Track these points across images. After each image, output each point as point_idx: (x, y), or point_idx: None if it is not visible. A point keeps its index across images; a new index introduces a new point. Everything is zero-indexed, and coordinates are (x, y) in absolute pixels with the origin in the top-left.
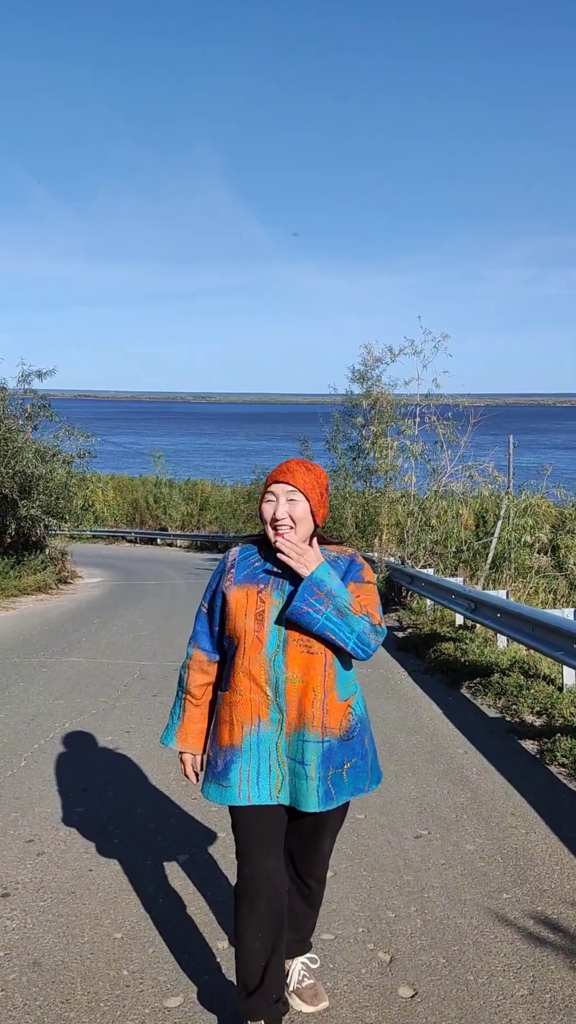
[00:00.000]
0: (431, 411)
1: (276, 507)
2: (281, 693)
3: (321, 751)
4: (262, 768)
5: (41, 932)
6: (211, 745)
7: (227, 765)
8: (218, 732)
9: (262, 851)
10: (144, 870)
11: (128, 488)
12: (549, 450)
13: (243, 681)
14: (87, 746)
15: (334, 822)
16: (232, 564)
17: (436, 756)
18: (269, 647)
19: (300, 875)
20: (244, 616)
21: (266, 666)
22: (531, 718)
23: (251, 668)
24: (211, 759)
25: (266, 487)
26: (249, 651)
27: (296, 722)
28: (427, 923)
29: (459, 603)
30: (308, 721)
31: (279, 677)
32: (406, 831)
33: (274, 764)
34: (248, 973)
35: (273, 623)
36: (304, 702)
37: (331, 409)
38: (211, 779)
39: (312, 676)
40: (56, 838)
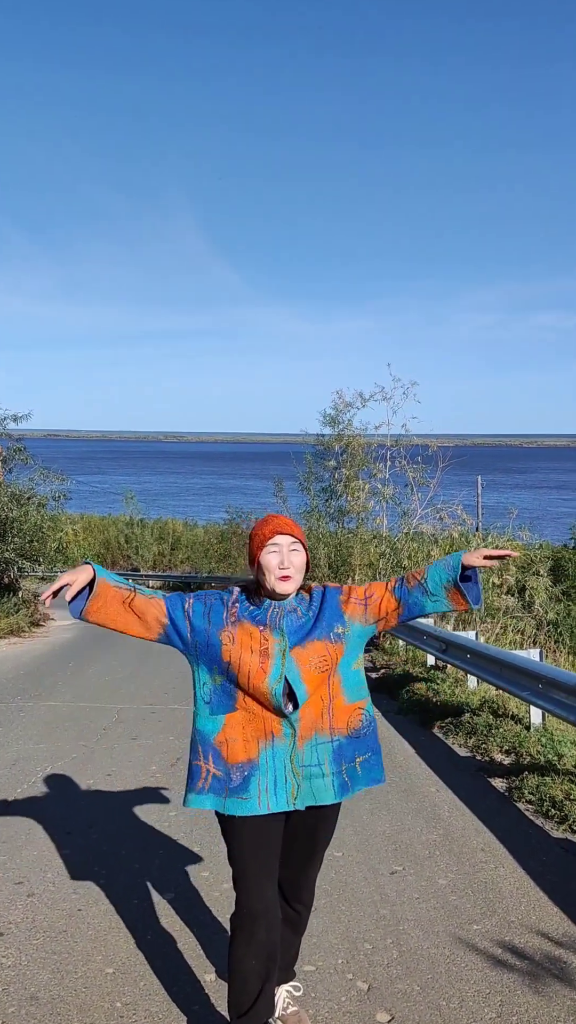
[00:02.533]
0: (401, 454)
1: (282, 557)
2: (282, 707)
3: (331, 749)
4: (279, 779)
5: (36, 969)
6: (216, 763)
7: (246, 779)
8: (230, 750)
9: (260, 881)
10: (132, 909)
11: (99, 528)
12: (513, 490)
13: (253, 702)
14: (70, 789)
15: (323, 847)
16: (236, 600)
17: (410, 794)
18: (272, 677)
19: (288, 901)
20: (249, 651)
21: (268, 693)
22: (500, 756)
23: (256, 694)
24: (223, 776)
25: (266, 538)
26: (253, 680)
27: (308, 733)
28: (402, 953)
29: (431, 644)
30: (318, 729)
31: (279, 699)
32: (382, 867)
33: (289, 775)
34: (242, 998)
35: (277, 657)
36: (314, 713)
37: (303, 450)
38: (226, 795)
39: (320, 688)
40: (45, 879)
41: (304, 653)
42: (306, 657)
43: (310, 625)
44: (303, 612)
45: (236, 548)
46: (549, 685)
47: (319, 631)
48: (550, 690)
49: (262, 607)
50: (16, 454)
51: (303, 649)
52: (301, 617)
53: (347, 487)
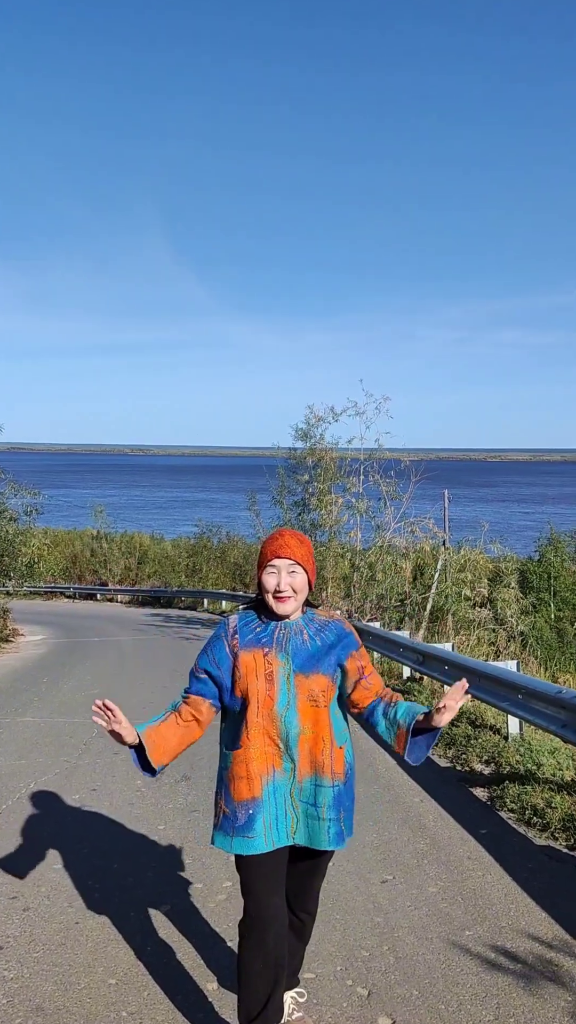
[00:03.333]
0: (374, 468)
1: (279, 579)
2: (293, 745)
3: (332, 795)
4: (279, 813)
5: (39, 981)
6: (225, 802)
7: (251, 818)
8: (234, 788)
9: (269, 891)
10: (129, 921)
11: (65, 542)
12: (476, 503)
13: (257, 737)
14: (56, 805)
15: (327, 860)
16: (235, 630)
17: (395, 806)
18: (280, 704)
19: (293, 910)
20: (256, 678)
21: (277, 721)
22: (480, 767)
23: (265, 724)
24: (228, 814)
25: (266, 559)
26: (262, 708)
27: (308, 769)
28: (399, 960)
29: (407, 656)
30: (319, 768)
31: (290, 731)
32: (372, 876)
33: (289, 808)
34: (252, 1002)
35: (282, 682)
36: (315, 751)
37: (274, 463)
38: (233, 833)
39: (320, 727)
40: (39, 894)
41: (307, 683)
42: (308, 687)
43: (317, 653)
44: (310, 636)
45: (206, 562)
46: (528, 695)
47: (324, 665)
48: (529, 700)
49: (268, 627)
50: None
51: (306, 679)
52: (308, 641)
53: (320, 501)
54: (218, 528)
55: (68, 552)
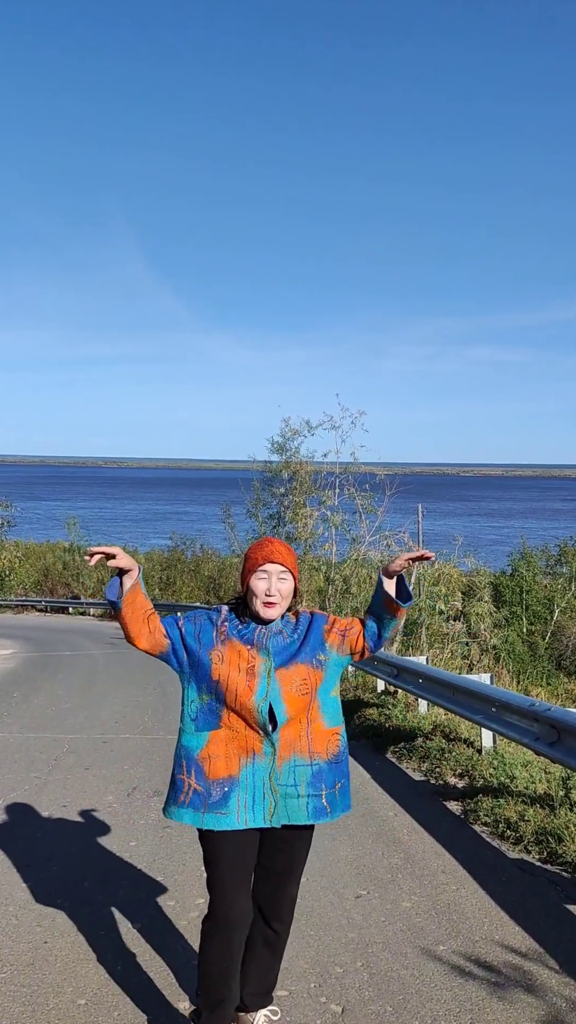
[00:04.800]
0: (349, 482)
1: (269, 584)
2: (275, 732)
3: (310, 772)
4: (257, 795)
5: (6, 1002)
6: (198, 779)
7: (225, 795)
8: (209, 766)
9: (237, 892)
10: (99, 940)
11: (36, 554)
12: (446, 518)
13: (237, 720)
14: (25, 822)
15: (303, 858)
16: (225, 619)
17: (368, 820)
18: (258, 695)
19: (267, 921)
20: (237, 671)
21: (255, 711)
22: (454, 780)
23: (242, 712)
24: (203, 791)
25: (257, 564)
26: (240, 698)
27: (287, 754)
28: (373, 976)
29: (382, 669)
30: (297, 750)
31: (263, 717)
32: (347, 892)
33: (268, 792)
34: (216, 992)
35: (263, 677)
36: (293, 735)
37: (249, 476)
38: (205, 809)
39: (300, 711)
40: (7, 913)
41: (288, 675)
42: (289, 679)
43: (295, 648)
44: (288, 634)
45: (180, 576)
46: (502, 708)
47: (303, 655)
48: (503, 713)
49: (249, 627)
50: None
51: (287, 671)
52: (287, 639)
53: (296, 514)
54: (192, 541)
55: (40, 565)
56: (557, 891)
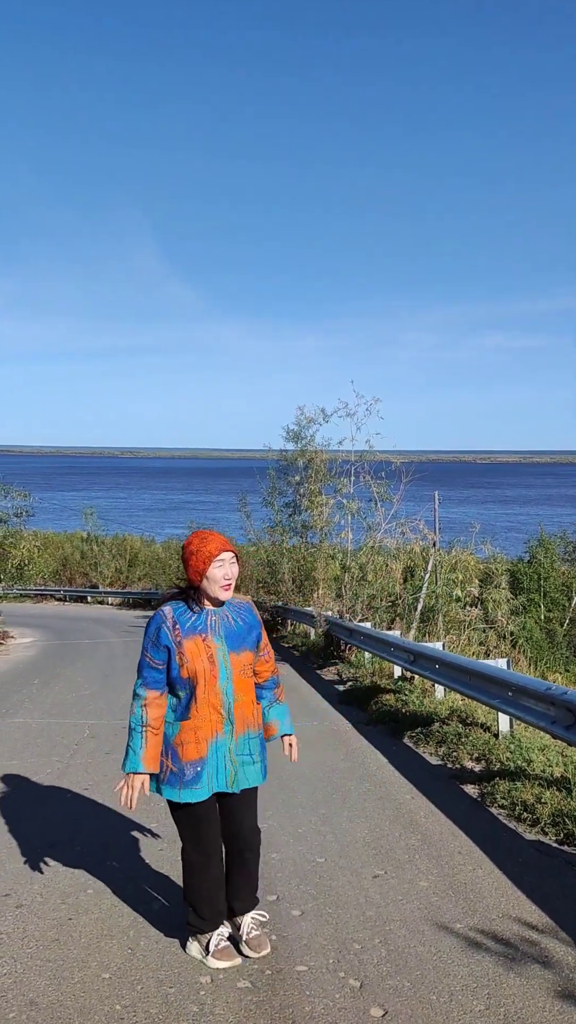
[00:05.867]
0: (365, 469)
1: (225, 570)
2: (230, 711)
3: (259, 743)
4: (219, 767)
5: (32, 976)
6: (174, 762)
7: (197, 774)
8: (183, 751)
9: (211, 832)
10: (122, 918)
11: (55, 544)
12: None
13: (204, 709)
14: (49, 804)
15: (255, 806)
16: (174, 621)
17: (385, 802)
18: (222, 679)
19: (241, 851)
20: (200, 660)
21: (220, 694)
22: (470, 764)
23: (210, 698)
24: (177, 772)
25: (213, 555)
26: (208, 685)
27: (242, 728)
28: (391, 952)
29: (398, 655)
30: (250, 725)
31: (231, 700)
32: (364, 871)
33: (228, 763)
34: (206, 906)
35: (221, 661)
36: (246, 712)
37: (264, 465)
38: (181, 786)
39: (249, 692)
40: (32, 891)
41: (238, 659)
42: (239, 663)
43: (241, 634)
44: (234, 619)
45: None
46: (519, 692)
47: (248, 643)
48: (520, 697)
49: (201, 615)
50: None
51: (237, 656)
52: (233, 624)
53: (311, 502)
54: (211, 529)
55: (58, 555)
56: (574, 872)
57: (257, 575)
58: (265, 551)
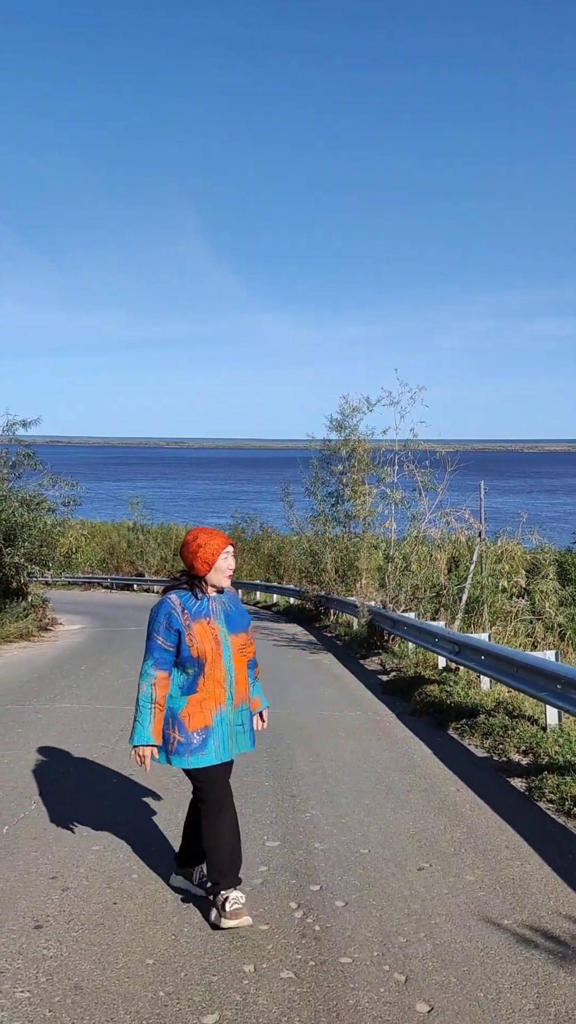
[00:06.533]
0: (409, 458)
1: (230, 561)
2: (232, 685)
3: (248, 714)
4: (224, 736)
5: (77, 960)
6: (180, 733)
7: (204, 741)
8: (189, 722)
9: (225, 787)
10: (166, 904)
11: (103, 533)
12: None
13: (210, 683)
14: (94, 788)
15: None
16: (182, 607)
17: (430, 794)
18: (225, 657)
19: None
20: (208, 641)
21: (224, 670)
22: (517, 757)
23: (216, 674)
24: (184, 741)
25: (221, 548)
26: (214, 664)
27: (238, 701)
28: (436, 947)
29: (443, 646)
30: (243, 698)
31: (232, 676)
32: (409, 864)
33: (229, 732)
34: (224, 861)
35: (223, 642)
36: (241, 687)
37: (307, 455)
38: (189, 754)
39: (243, 668)
40: (78, 874)
41: (235, 640)
42: (236, 643)
43: (236, 618)
44: (228, 604)
45: (240, 553)
46: (569, 685)
47: (241, 625)
48: (570, 691)
49: (203, 601)
50: (25, 459)
51: (235, 637)
52: (228, 608)
53: (354, 491)
54: (252, 519)
55: (106, 543)
56: None
57: (300, 564)
58: (308, 541)
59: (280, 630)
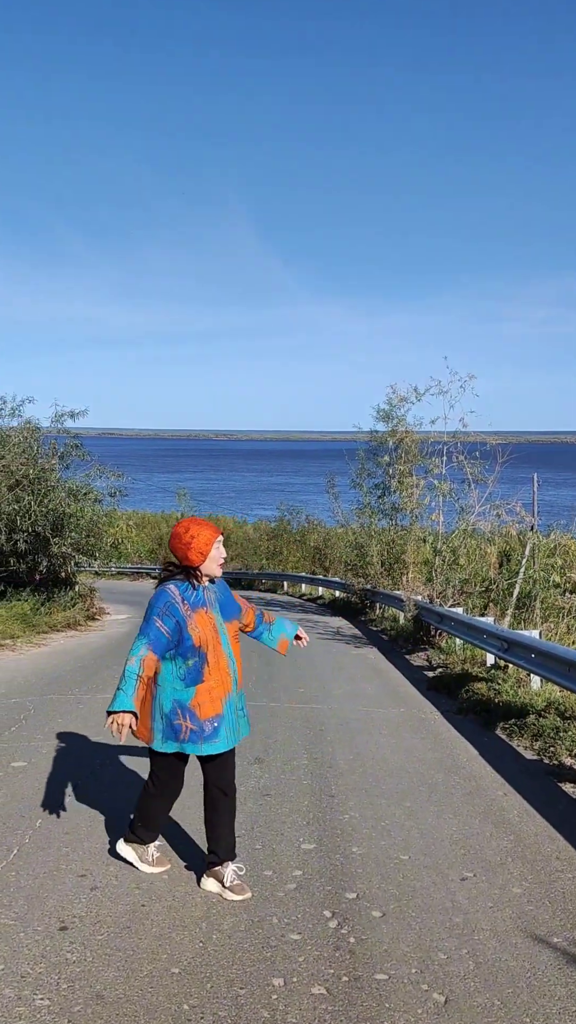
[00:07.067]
0: (459, 449)
1: (222, 550)
2: (235, 671)
3: (244, 699)
4: (233, 722)
5: (101, 966)
6: (192, 722)
7: (216, 729)
8: (201, 711)
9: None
10: (195, 907)
11: (151, 524)
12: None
13: (215, 671)
14: (131, 783)
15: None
16: (182, 597)
17: (475, 797)
18: (224, 644)
19: (224, 791)
20: (208, 629)
21: (225, 657)
22: (569, 761)
23: (219, 661)
24: (197, 730)
25: (212, 539)
26: (215, 652)
27: (239, 685)
28: (479, 965)
29: (491, 643)
30: (240, 684)
31: (233, 662)
32: (451, 873)
33: (235, 718)
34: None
35: (221, 629)
36: (240, 672)
37: (354, 447)
38: (202, 742)
39: (238, 653)
40: (107, 873)
41: (230, 626)
42: (231, 629)
43: (227, 603)
44: (219, 591)
45: (286, 545)
46: None
47: (233, 612)
48: None
49: (199, 591)
50: (73, 450)
51: (229, 624)
52: (219, 595)
53: (401, 483)
54: (298, 511)
55: (154, 534)
56: None
57: (345, 557)
58: (354, 533)
59: (325, 623)
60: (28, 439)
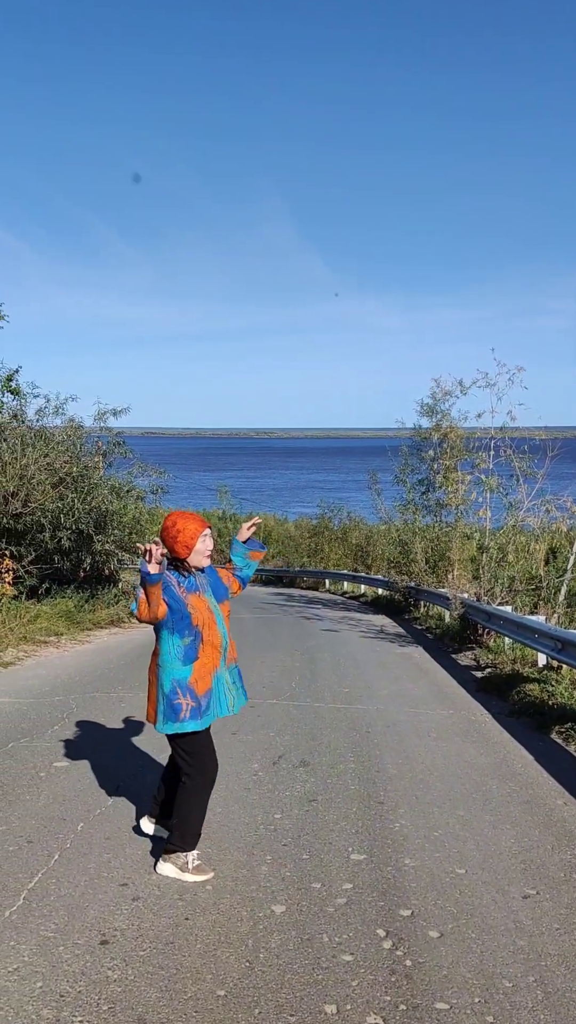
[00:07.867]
0: (506, 444)
1: (208, 542)
2: (226, 648)
3: (238, 673)
4: (220, 695)
5: (143, 985)
6: (192, 698)
7: (208, 705)
8: (198, 687)
9: (212, 759)
10: (240, 922)
11: None
12: None
13: (208, 648)
14: None
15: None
16: (177, 583)
17: (534, 807)
18: (219, 624)
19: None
20: (204, 610)
21: (219, 636)
22: None
23: (213, 639)
24: (196, 706)
25: (198, 532)
26: (211, 630)
27: (230, 661)
28: (548, 995)
29: (543, 643)
30: (233, 659)
31: (225, 640)
32: (512, 890)
33: (225, 691)
34: (198, 828)
35: (214, 610)
36: (232, 648)
37: (395, 444)
38: (201, 717)
39: (230, 631)
40: (149, 882)
41: (223, 607)
42: (224, 609)
43: (217, 587)
44: (209, 575)
45: (328, 543)
46: None
47: (221, 594)
48: None
49: (190, 578)
50: (115, 448)
51: (222, 606)
52: (210, 579)
53: (446, 478)
54: (339, 508)
55: None
56: None
57: (388, 554)
58: (397, 530)
59: (368, 621)
60: (71, 437)
